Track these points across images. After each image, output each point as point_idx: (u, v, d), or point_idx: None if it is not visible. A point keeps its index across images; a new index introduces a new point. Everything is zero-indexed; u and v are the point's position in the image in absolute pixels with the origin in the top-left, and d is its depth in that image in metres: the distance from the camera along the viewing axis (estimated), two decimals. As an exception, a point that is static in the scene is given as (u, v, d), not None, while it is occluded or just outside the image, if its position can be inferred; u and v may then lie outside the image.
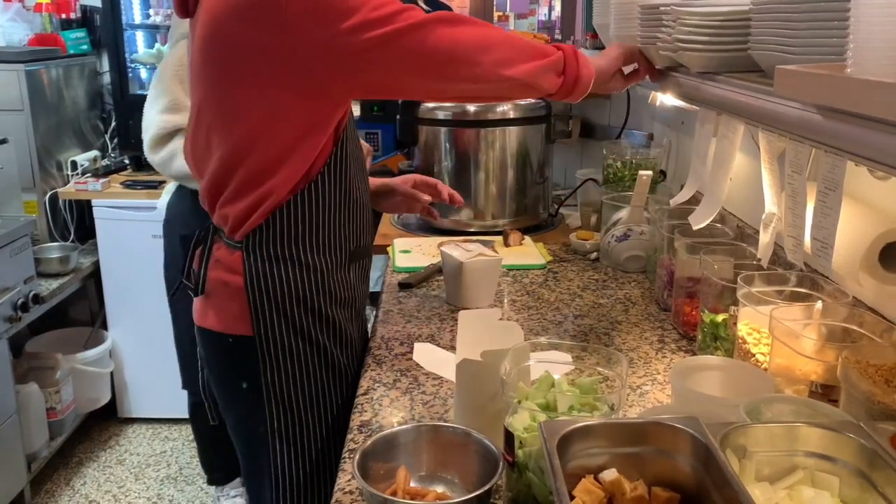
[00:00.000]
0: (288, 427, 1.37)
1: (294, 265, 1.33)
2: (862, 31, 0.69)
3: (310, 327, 1.35)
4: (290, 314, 1.33)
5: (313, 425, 1.38)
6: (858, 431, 0.87)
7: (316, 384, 1.37)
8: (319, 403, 1.38)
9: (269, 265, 1.32)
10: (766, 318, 1.15)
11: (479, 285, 1.71)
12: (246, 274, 1.32)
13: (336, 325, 1.38)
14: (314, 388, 1.37)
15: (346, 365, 1.42)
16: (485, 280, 1.71)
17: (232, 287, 1.34)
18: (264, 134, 1.26)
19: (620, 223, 1.97)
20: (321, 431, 1.39)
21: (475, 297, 1.71)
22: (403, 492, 1.02)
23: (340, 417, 1.39)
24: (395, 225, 2.37)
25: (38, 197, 3.01)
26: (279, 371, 1.34)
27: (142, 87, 3.50)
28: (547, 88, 1.31)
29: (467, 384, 1.15)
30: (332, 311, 1.37)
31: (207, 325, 1.39)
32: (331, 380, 1.39)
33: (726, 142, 1.35)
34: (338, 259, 1.38)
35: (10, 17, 3.17)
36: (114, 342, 3.20)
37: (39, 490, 2.88)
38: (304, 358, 1.35)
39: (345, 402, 1.40)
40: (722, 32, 1.18)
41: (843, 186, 0.92)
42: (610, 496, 0.83)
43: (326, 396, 1.39)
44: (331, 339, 1.38)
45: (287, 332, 1.34)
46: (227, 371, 1.42)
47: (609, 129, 2.68)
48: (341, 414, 1.40)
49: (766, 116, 1.01)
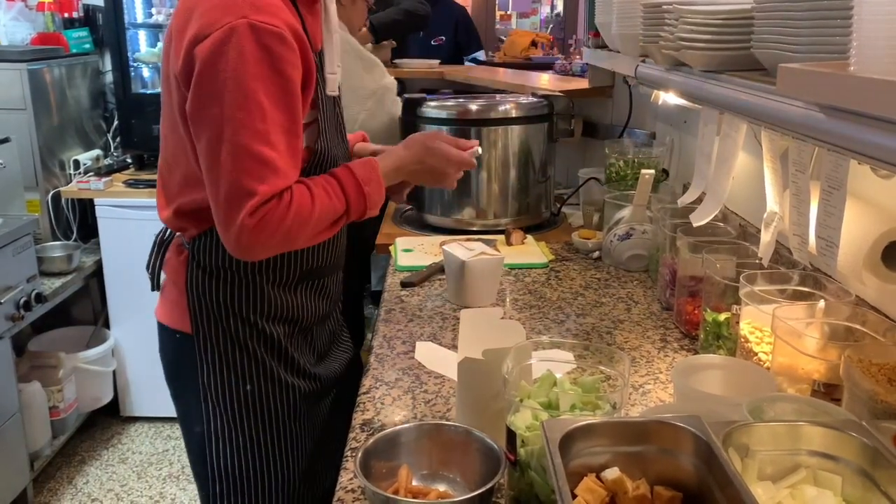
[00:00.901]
0: (223, 429, 1.38)
1: (232, 277, 1.34)
2: (865, 30, 0.69)
3: (246, 338, 1.36)
4: (226, 323, 1.35)
5: (252, 430, 1.38)
6: (861, 430, 0.86)
7: (253, 392, 1.37)
8: (258, 410, 1.38)
9: (207, 273, 1.34)
10: (768, 316, 1.15)
11: (481, 284, 1.71)
12: (187, 277, 1.35)
13: (274, 340, 1.38)
14: (252, 396, 1.37)
15: (288, 381, 1.40)
16: (487, 279, 1.71)
17: (179, 286, 1.37)
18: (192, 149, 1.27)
19: (623, 222, 1.97)
20: (261, 437, 1.39)
21: (477, 295, 1.71)
22: (405, 490, 1.02)
23: (288, 424, 1.41)
24: (397, 224, 2.37)
25: (41, 196, 3.01)
26: (214, 374, 1.36)
27: (144, 86, 3.50)
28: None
29: (469, 383, 1.15)
30: (270, 327, 1.37)
31: (160, 318, 1.43)
32: (271, 389, 1.39)
33: (729, 141, 1.35)
34: (282, 277, 1.38)
35: (13, 17, 3.17)
36: (116, 341, 3.20)
37: (42, 488, 2.89)
38: (239, 365, 1.36)
39: (292, 409, 1.41)
40: (725, 31, 1.18)
41: (847, 185, 0.92)
42: (612, 495, 0.83)
43: (267, 404, 1.39)
44: (268, 352, 1.38)
45: (223, 339, 1.35)
46: (172, 366, 1.45)
47: (611, 128, 2.67)
48: (289, 421, 1.41)
49: (769, 115, 1.01)
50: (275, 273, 1.37)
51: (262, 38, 1.16)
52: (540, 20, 8.99)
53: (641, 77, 1.66)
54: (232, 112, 1.16)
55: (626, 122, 2.53)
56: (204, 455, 1.41)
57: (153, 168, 3.34)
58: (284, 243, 1.26)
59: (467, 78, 3.29)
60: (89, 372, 3.06)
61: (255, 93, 1.16)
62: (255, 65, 1.15)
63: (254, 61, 1.15)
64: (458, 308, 1.68)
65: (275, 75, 1.17)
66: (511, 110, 2.24)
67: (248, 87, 1.15)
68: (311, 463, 1.47)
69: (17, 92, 2.89)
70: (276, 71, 1.17)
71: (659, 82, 1.55)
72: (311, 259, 1.41)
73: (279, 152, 1.19)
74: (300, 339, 1.44)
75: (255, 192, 1.17)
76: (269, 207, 1.19)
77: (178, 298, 1.37)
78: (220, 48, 1.15)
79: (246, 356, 1.36)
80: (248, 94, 1.15)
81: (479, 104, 2.28)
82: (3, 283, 2.49)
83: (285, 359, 1.40)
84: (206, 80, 1.16)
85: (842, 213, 0.93)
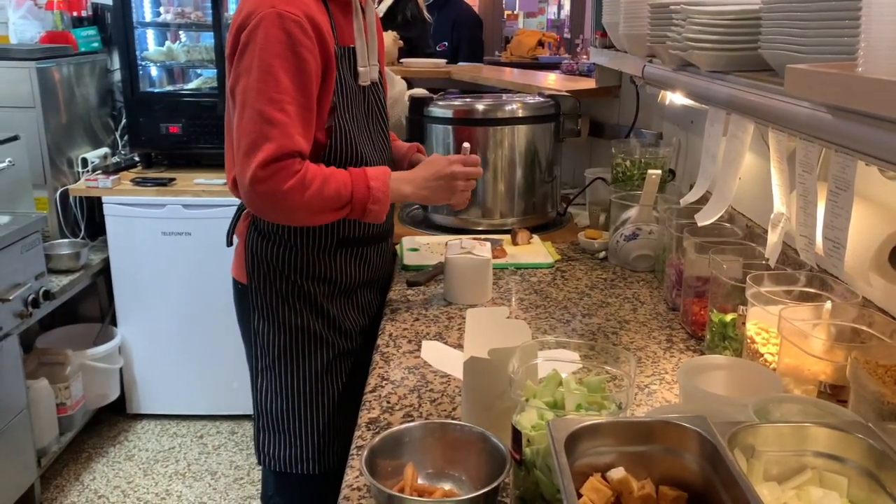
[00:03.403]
0: (266, 370, 1.63)
1: (280, 240, 1.58)
2: (873, 31, 0.69)
3: (287, 293, 1.59)
4: (273, 278, 1.59)
5: (288, 375, 1.61)
6: (867, 432, 0.86)
7: (291, 341, 1.60)
8: (295, 358, 1.61)
9: (262, 235, 1.60)
10: (774, 317, 1.15)
11: (464, 282, 1.73)
12: (247, 237, 1.62)
13: (312, 297, 1.60)
14: (289, 345, 1.60)
15: (324, 335, 1.61)
16: (470, 278, 1.73)
17: (241, 245, 1.64)
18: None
19: (629, 222, 1.97)
20: (296, 383, 1.61)
21: (461, 293, 1.74)
22: (411, 489, 1.02)
23: (320, 375, 1.62)
24: (403, 223, 2.37)
25: (49, 194, 3.03)
26: (261, 320, 1.61)
27: (152, 84, 3.52)
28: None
29: (474, 382, 1.15)
30: (309, 285, 1.60)
31: (231, 271, 1.70)
32: (306, 341, 1.60)
33: (736, 141, 1.34)
34: (321, 243, 1.60)
35: (22, 15, 3.19)
36: (123, 339, 3.21)
37: (49, 485, 2.90)
38: (281, 316, 1.60)
39: (324, 362, 1.62)
40: (732, 31, 1.18)
41: (854, 186, 0.92)
42: (617, 494, 0.83)
43: (301, 354, 1.61)
44: (306, 308, 1.60)
45: (269, 292, 1.60)
46: (237, 312, 1.72)
47: (618, 128, 2.67)
48: (322, 373, 1.62)
49: (777, 116, 1.01)
50: (315, 239, 1.59)
51: (284, 23, 1.38)
52: (547, 20, 8.98)
53: (648, 77, 1.66)
54: (255, 83, 1.39)
55: (633, 122, 2.53)
56: (256, 389, 1.67)
57: (160, 166, 3.36)
58: (286, 205, 1.42)
59: (474, 77, 3.29)
60: (96, 369, 3.07)
61: (274, 68, 1.38)
62: (276, 44, 1.38)
63: (275, 42, 1.38)
64: (464, 307, 1.69)
65: (293, 56, 1.39)
66: (518, 110, 2.24)
67: (269, 64, 1.38)
68: (340, 417, 1.64)
69: (26, 90, 2.90)
70: (294, 52, 1.39)
71: (666, 82, 1.55)
72: (346, 229, 1.61)
73: (290, 118, 1.39)
74: (343, 299, 1.64)
75: (263, 148, 1.38)
76: (280, 165, 1.39)
77: (241, 255, 1.64)
78: (253, 32, 1.39)
79: (287, 308, 1.59)
80: (269, 69, 1.38)
81: (486, 104, 2.29)
82: (12, 281, 2.51)
83: (323, 315, 1.61)
84: (242, 59, 1.41)
85: (849, 215, 0.93)
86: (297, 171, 1.41)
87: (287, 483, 1.68)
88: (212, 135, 3.21)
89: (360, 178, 1.48)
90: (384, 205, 1.50)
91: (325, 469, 1.64)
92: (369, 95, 1.63)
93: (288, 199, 1.41)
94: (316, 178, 1.43)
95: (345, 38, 1.54)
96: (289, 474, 1.65)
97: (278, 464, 1.65)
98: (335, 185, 1.45)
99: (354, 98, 1.57)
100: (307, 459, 1.63)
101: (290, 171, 1.40)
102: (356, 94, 1.58)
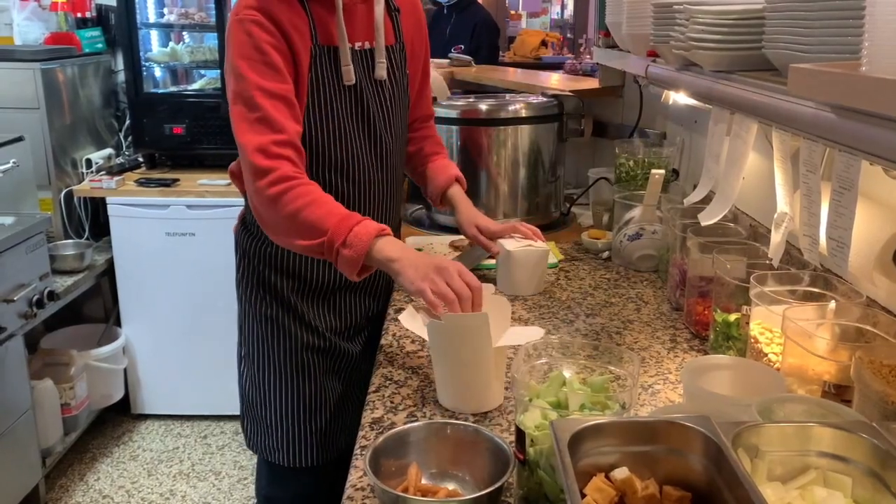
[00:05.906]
0: (245, 357, 1.70)
1: (255, 229, 1.61)
2: (877, 30, 0.69)
3: (261, 282, 1.64)
4: (247, 268, 1.66)
5: (262, 363, 1.65)
6: (871, 432, 0.86)
7: (265, 331, 1.64)
8: (265, 349, 1.64)
9: (243, 223, 1.68)
10: (778, 317, 1.15)
11: (524, 273, 1.77)
12: (238, 223, 1.70)
13: (278, 290, 1.62)
14: (260, 335, 1.64)
15: (292, 330, 1.62)
16: (530, 268, 1.77)
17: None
18: None
19: (633, 222, 1.97)
20: (270, 370, 1.64)
21: (520, 284, 1.78)
22: (415, 489, 1.02)
23: (289, 370, 1.63)
24: (406, 223, 2.37)
25: (54, 194, 3.03)
26: (242, 304, 1.68)
27: (156, 85, 3.52)
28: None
29: (437, 346, 1.27)
30: (275, 277, 1.62)
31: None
32: (273, 332, 1.63)
33: (739, 141, 1.34)
34: None
35: (27, 16, 3.20)
36: (127, 339, 3.22)
37: (54, 485, 2.91)
38: (256, 304, 1.64)
39: (292, 356, 1.62)
40: (735, 31, 1.18)
41: (858, 186, 0.92)
42: (621, 494, 0.83)
43: (270, 344, 1.63)
44: (275, 299, 1.63)
45: (246, 280, 1.66)
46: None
47: (622, 128, 2.67)
48: (291, 368, 1.63)
49: (780, 115, 1.01)
50: None
51: (245, 26, 1.44)
52: (550, 20, 8.97)
53: (652, 77, 1.66)
54: (233, 85, 1.46)
55: (637, 121, 2.53)
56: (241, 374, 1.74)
57: (164, 167, 3.36)
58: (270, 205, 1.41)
59: (477, 78, 3.29)
60: (101, 369, 3.08)
61: (242, 69, 1.44)
62: (240, 47, 1.45)
63: (239, 45, 1.45)
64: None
65: (256, 52, 1.44)
66: (521, 110, 2.24)
67: (238, 65, 1.44)
68: (315, 415, 1.65)
69: (31, 91, 2.91)
70: (257, 49, 1.44)
71: (669, 82, 1.55)
72: None
73: (263, 111, 1.43)
74: (316, 297, 1.64)
75: (246, 139, 1.43)
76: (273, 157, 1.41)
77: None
78: (226, 41, 1.48)
79: (257, 297, 1.64)
80: (239, 70, 1.44)
81: (489, 104, 2.29)
82: (16, 281, 2.51)
83: (291, 309, 1.62)
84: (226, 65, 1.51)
85: (853, 214, 0.92)
86: (290, 179, 1.39)
87: (278, 476, 1.71)
88: (215, 135, 3.22)
89: (348, 218, 1.37)
90: (357, 252, 1.34)
91: (302, 464, 1.66)
92: (365, 95, 1.56)
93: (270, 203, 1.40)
94: (304, 193, 1.38)
95: (329, 35, 1.52)
96: (279, 467, 1.68)
97: (260, 451, 1.71)
98: (319, 207, 1.38)
99: (337, 97, 1.53)
100: (279, 450, 1.66)
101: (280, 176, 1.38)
102: (341, 93, 1.53)
